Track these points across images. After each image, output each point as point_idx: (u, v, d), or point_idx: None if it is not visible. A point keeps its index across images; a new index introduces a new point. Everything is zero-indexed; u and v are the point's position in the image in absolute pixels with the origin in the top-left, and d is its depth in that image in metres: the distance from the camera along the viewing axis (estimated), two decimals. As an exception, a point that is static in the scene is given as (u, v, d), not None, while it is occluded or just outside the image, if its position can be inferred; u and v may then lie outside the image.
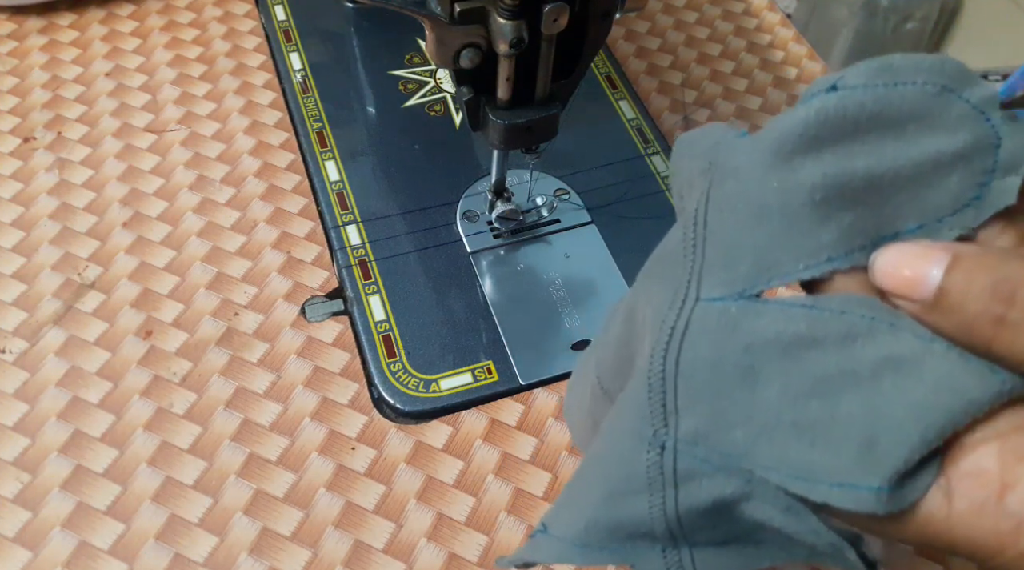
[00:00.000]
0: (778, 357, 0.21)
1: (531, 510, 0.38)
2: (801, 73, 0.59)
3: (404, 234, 0.47)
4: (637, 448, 0.22)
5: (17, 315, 0.43)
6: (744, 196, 0.22)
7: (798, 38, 0.61)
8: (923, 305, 0.20)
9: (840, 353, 0.20)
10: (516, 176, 0.48)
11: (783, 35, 0.61)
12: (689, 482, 0.22)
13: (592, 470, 0.24)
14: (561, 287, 0.45)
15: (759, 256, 0.22)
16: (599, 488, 0.23)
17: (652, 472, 0.22)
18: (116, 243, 0.46)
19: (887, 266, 0.20)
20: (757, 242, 0.22)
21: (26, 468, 0.38)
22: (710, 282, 0.22)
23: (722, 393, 0.21)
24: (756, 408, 0.21)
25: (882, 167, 0.21)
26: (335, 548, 0.37)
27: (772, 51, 0.60)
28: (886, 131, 0.21)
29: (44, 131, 0.51)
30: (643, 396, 0.22)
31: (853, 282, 0.21)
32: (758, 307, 0.21)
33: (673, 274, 0.24)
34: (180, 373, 0.42)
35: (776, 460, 0.21)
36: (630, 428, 0.23)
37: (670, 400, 0.22)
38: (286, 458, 0.39)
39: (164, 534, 0.37)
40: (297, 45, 0.56)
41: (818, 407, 0.20)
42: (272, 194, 0.49)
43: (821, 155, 0.21)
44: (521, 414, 0.41)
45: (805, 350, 0.21)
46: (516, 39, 0.35)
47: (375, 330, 0.43)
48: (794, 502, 0.21)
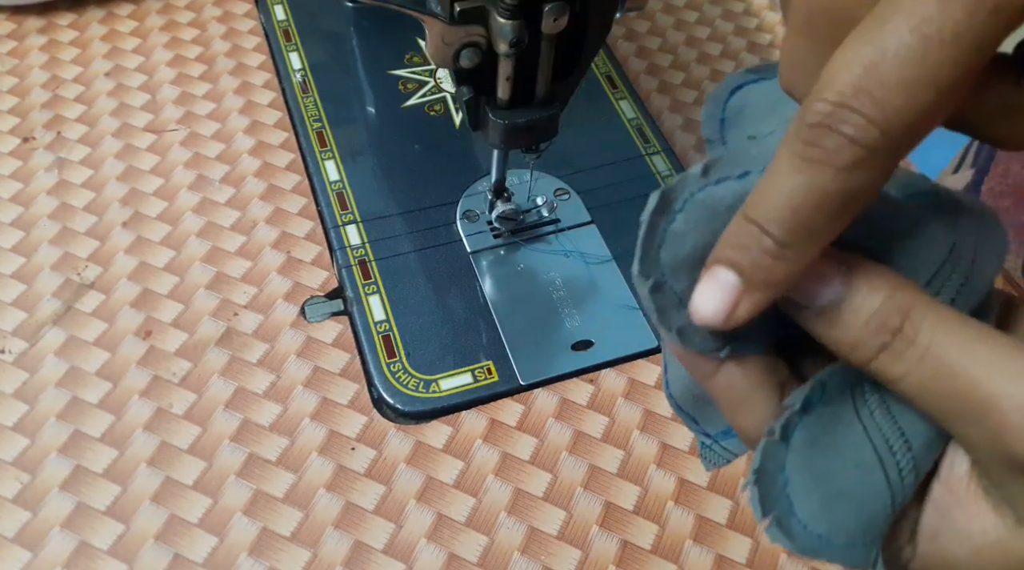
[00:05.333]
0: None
1: (531, 510, 0.38)
2: (801, 73, 0.59)
3: (404, 234, 0.47)
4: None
5: (17, 315, 0.43)
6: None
7: (798, 38, 0.61)
8: (810, 312, 0.19)
9: None
10: (516, 176, 0.48)
11: (783, 35, 0.61)
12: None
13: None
14: (561, 287, 0.45)
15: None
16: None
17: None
18: (115, 243, 0.46)
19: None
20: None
21: (26, 468, 0.38)
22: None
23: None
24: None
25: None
26: (335, 548, 0.37)
27: (772, 51, 0.60)
28: None
29: (44, 131, 0.51)
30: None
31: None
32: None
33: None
34: (180, 373, 0.42)
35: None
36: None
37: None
38: (286, 458, 0.39)
39: (164, 534, 0.37)
40: (297, 45, 0.56)
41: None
42: (272, 194, 0.49)
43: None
44: (521, 414, 0.41)
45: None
46: (516, 39, 0.35)
47: (375, 330, 0.43)
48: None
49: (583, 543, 0.38)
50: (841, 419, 0.21)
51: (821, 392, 0.21)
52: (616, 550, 0.37)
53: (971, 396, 0.18)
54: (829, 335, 0.19)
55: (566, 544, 0.38)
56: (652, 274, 0.20)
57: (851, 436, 0.20)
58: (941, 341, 0.18)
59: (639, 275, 0.20)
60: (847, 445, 0.20)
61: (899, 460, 0.20)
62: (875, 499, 0.20)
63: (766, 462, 0.21)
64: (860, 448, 0.20)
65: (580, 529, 0.38)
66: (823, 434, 0.21)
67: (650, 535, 0.38)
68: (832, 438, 0.21)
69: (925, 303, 0.19)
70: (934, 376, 0.18)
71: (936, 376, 0.18)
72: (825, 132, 0.17)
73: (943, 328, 0.18)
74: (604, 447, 0.40)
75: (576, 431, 0.41)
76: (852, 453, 0.20)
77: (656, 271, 0.20)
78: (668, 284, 0.20)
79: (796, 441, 0.21)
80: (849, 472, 0.20)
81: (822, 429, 0.21)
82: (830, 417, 0.21)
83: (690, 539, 0.38)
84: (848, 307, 0.19)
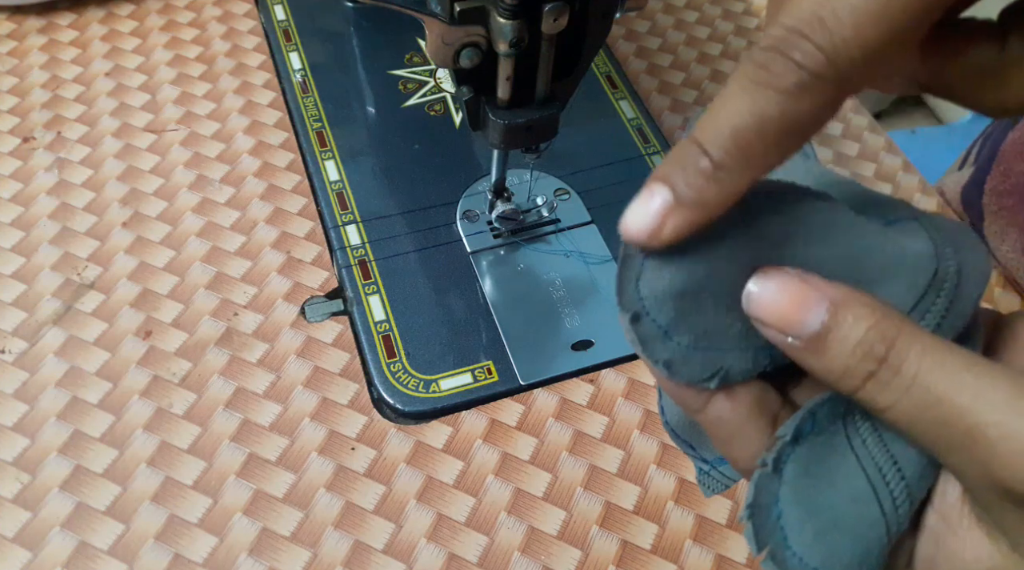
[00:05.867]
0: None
1: (531, 510, 0.38)
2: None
3: (404, 234, 0.47)
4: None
5: (17, 315, 0.43)
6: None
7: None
8: (796, 342, 0.19)
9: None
10: (516, 176, 0.48)
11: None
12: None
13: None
14: (561, 287, 0.45)
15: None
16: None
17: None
18: (115, 243, 0.46)
19: (765, 299, 0.20)
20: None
21: (26, 468, 0.38)
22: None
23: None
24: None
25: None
26: (335, 548, 0.37)
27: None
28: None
29: (44, 131, 0.51)
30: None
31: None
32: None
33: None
34: (180, 373, 0.42)
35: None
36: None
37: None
38: (286, 458, 0.39)
39: (164, 534, 0.37)
40: (297, 45, 0.56)
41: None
42: (272, 194, 0.49)
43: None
44: (521, 414, 0.41)
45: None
46: (516, 39, 0.35)
47: (375, 330, 0.43)
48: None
49: (583, 543, 0.38)
50: (834, 449, 0.20)
51: (812, 422, 0.21)
52: (616, 550, 0.37)
53: (958, 425, 0.18)
54: (816, 365, 0.19)
55: (566, 544, 0.37)
56: (632, 306, 0.20)
57: (844, 466, 0.20)
58: (927, 370, 0.18)
59: (620, 310, 0.20)
60: (840, 476, 0.20)
61: (893, 490, 0.20)
62: (870, 530, 0.20)
63: (759, 495, 0.20)
64: (853, 478, 0.20)
65: (580, 529, 0.38)
66: (816, 465, 0.21)
67: (650, 535, 0.38)
68: (825, 469, 0.20)
69: (911, 331, 0.19)
70: (921, 405, 0.18)
71: (923, 405, 0.18)
72: (775, 56, 0.18)
73: (929, 356, 0.18)
74: (604, 447, 0.40)
75: (576, 431, 0.41)
76: (845, 484, 0.20)
77: (636, 303, 0.20)
78: (650, 316, 0.20)
79: (789, 473, 0.21)
80: (843, 504, 0.20)
81: (815, 459, 0.21)
82: (822, 447, 0.21)
83: (690, 539, 0.38)
84: (834, 337, 0.19)
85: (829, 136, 0.56)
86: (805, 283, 0.19)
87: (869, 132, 0.56)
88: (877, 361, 0.19)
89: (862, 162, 0.54)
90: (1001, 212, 0.52)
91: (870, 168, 0.54)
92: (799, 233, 0.20)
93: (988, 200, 0.53)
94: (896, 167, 0.54)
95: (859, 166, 0.54)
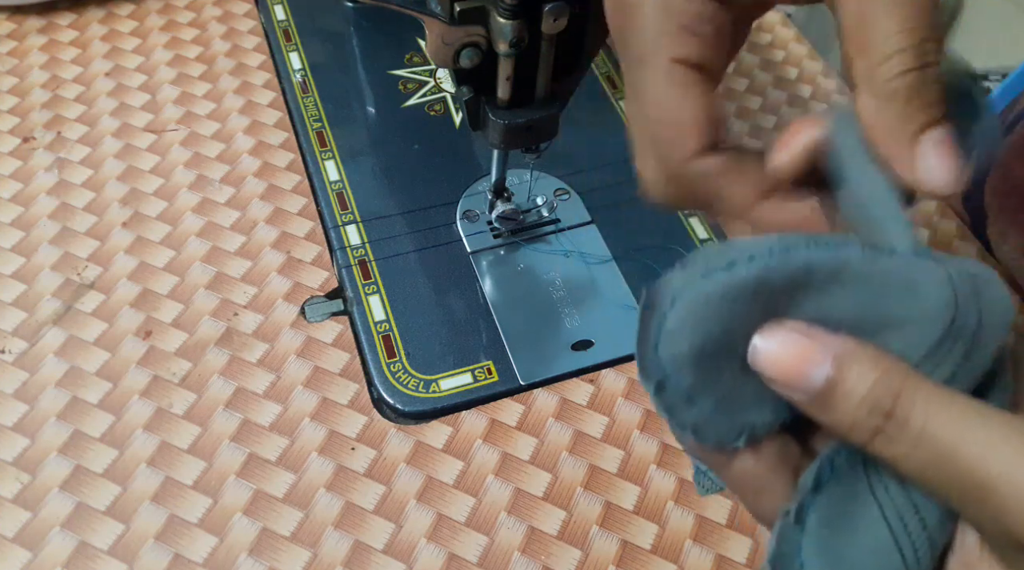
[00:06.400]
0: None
1: (531, 510, 0.38)
2: (802, 73, 0.59)
3: (404, 234, 0.47)
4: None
5: (17, 315, 0.43)
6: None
7: (799, 38, 0.61)
8: (804, 397, 0.20)
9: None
10: (516, 176, 0.48)
11: (784, 35, 0.61)
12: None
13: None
14: (561, 287, 0.45)
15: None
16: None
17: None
18: (115, 243, 0.46)
19: (770, 357, 0.20)
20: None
21: (26, 468, 0.38)
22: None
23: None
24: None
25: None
26: (335, 548, 0.37)
27: (773, 51, 0.60)
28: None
29: (44, 131, 0.51)
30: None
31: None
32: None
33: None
34: (180, 373, 0.42)
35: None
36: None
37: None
38: (286, 458, 0.39)
39: (164, 534, 0.37)
40: (297, 45, 0.56)
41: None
42: (272, 194, 0.49)
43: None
44: (521, 414, 0.41)
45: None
46: (516, 39, 0.35)
47: (375, 330, 0.43)
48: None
49: (583, 543, 0.38)
50: (856, 496, 0.20)
51: (831, 469, 0.21)
52: (616, 550, 0.37)
53: (968, 479, 0.18)
54: (825, 419, 0.20)
55: (566, 544, 0.37)
56: (655, 374, 0.20)
57: (866, 515, 0.20)
58: (935, 423, 0.18)
59: (641, 377, 0.20)
60: (862, 525, 0.20)
61: (915, 540, 0.20)
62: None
63: (782, 545, 0.21)
64: (875, 528, 0.20)
65: (580, 529, 0.38)
66: (838, 515, 0.21)
67: (650, 535, 0.38)
68: (847, 518, 0.20)
69: (916, 384, 0.19)
70: (930, 459, 0.18)
71: (932, 459, 0.18)
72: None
73: (936, 409, 0.18)
74: (604, 447, 0.40)
75: (576, 431, 0.41)
76: (867, 534, 0.20)
77: (659, 371, 0.20)
78: (672, 381, 0.20)
79: (811, 522, 0.21)
80: (865, 554, 0.20)
81: (837, 508, 0.21)
82: (843, 495, 0.21)
83: (690, 539, 0.38)
84: (839, 392, 0.19)
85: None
86: (808, 338, 0.19)
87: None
88: (884, 415, 0.19)
89: (862, 162, 0.54)
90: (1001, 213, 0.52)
91: (870, 168, 0.54)
92: (811, 282, 0.20)
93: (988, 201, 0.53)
94: (896, 167, 0.54)
95: (859, 166, 0.54)
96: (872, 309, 0.20)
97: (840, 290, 0.20)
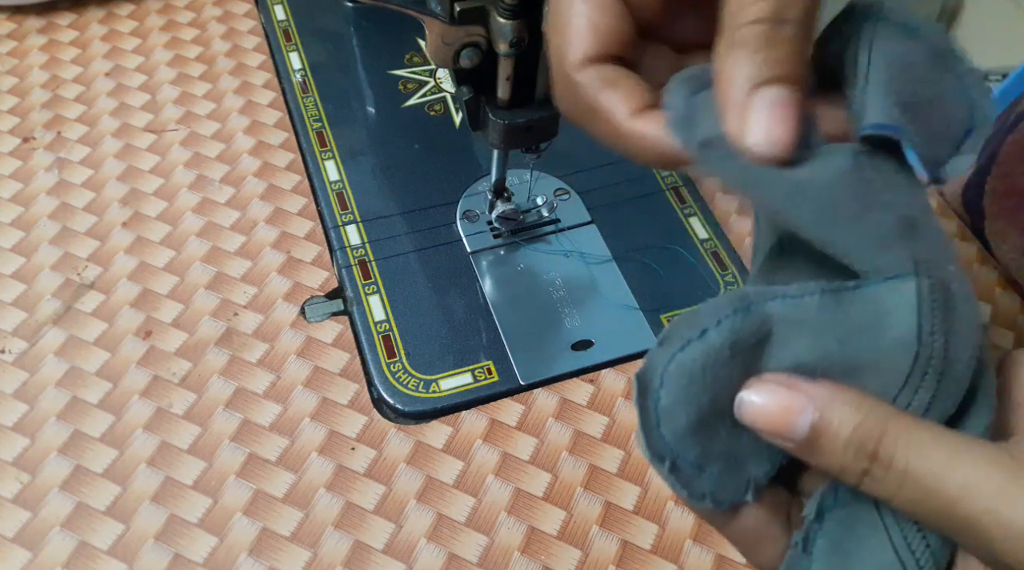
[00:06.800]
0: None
1: (531, 510, 0.38)
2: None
3: (404, 234, 0.47)
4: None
5: (17, 315, 0.43)
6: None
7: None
8: (792, 444, 0.20)
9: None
10: (516, 176, 0.48)
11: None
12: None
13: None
14: (561, 287, 0.45)
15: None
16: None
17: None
18: (115, 243, 0.46)
19: (754, 411, 0.20)
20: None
21: (26, 468, 0.38)
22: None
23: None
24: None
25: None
26: (335, 548, 0.37)
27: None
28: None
29: (44, 131, 0.51)
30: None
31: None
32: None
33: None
34: (180, 373, 0.42)
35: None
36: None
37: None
38: (286, 458, 0.39)
39: (164, 534, 0.37)
40: (297, 45, 0.56)
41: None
42: (272, 194, 0.49)
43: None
44: (521, 414, 0.41)
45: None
46: (516, 39, 0.35)
47: (375, 330, 0.43)
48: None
49: (583, 543, 0.38)
50: (861, 518, 0.21)
51: (834, 497, 0.21)
52: (616, 550, 0.37)
53: (954, 514, 0.18)
54: (816, 463, 0.20)
55: (566, 544, 0.37)
56: (665, 454, 0.21)
57: (873, 538, 0.21)
58: (917, 462, 0.19)
59: (653, 459, 0.21)
60: (868, 549, 0.21)
61: (919, 558, 0.20)
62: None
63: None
64: (881, 552, 0.21)
65: (580, 529, 0.38)
66: (845, 538, 0.21)
67: (650, 535, 0.38)
68: (854, 542, 0.21)
69: (898, 423, 0.19)
70: (917, 497, 0.19)
71: (919, 497, 0.19)
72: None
73: (917, 448, 0.19)
74: (604, 447, 0.40)
75: (576, 431, 0.41)
76: (872, 558, 0.21)
77: (666, 450, 0.21)
78: (681, 457, 0.21)
79: (819, 549, 0.21)
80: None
81: (844, 532, 0.21)
82: (850, 518, 0.21)
83: (690, 539, 0.38)
84: (824, 438, 0.20)
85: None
86: (788, 389, 0.20)
87: (869, 132, 0.56)
88: (868, 458, 0.19)
89: (862, 162, 0.54)
90: (1001, 213, 0.52)
91: (870, 168, 0.54)
92: (778, 334, 0.21)
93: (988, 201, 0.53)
94: (896, 167, 0.54)
95: (859, 166, 0.54)
96: (842, 352, 0.21)
97: (808, 338, 0.21)
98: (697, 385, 0.20)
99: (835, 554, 0.21)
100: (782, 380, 0.20)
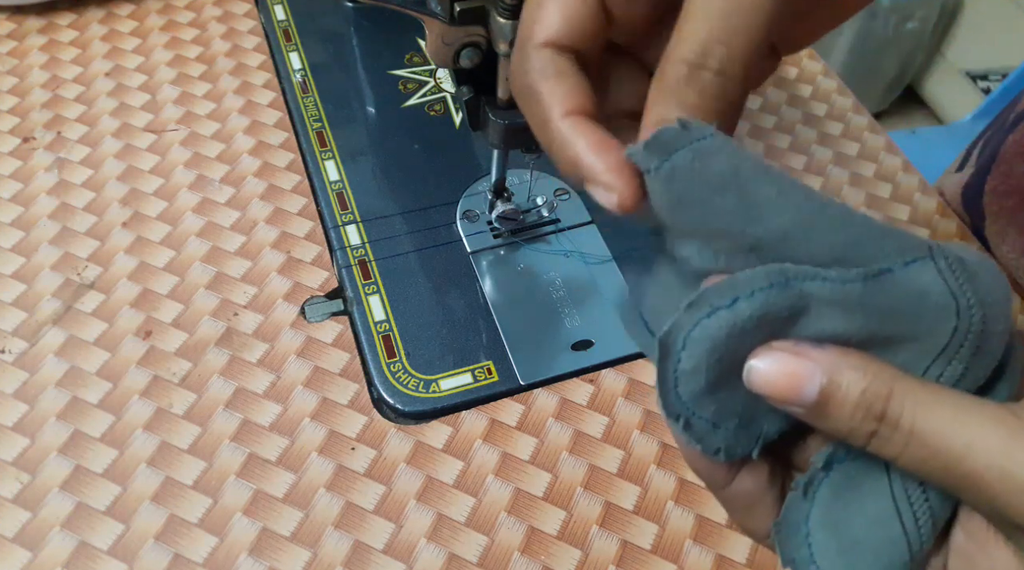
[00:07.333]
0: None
1: (531, 510, 0.38)
2: (802, 73, 0.59)
3: (404, 234, 0.47)
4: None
5: (17, 315, 0.43)
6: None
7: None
8: (801, 409, 0.21)
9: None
10: (516, 176, 0.48)
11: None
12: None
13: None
14: (561, 287, 0.45)
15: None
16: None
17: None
18: (115, 243, 0.46)
19: (762, 377, 0.21)
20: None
21: (26, 468, 0.38)
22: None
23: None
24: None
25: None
26: (335, 548, 0.37)
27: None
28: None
29: (44, 131, 0.51)
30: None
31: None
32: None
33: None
34: (180, 373, 0.42)
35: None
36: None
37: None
38: (286, 458, 0.39)
39: (164, 534, 0.37)
40: (297, 45, 0.56)
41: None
42: (272, 194, 0.49)
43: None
44: (521, 414, 0.41)
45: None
46: (516, 39, 0.34)
47: (375, 330, 0.43)
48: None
49: (583, 543, 0.38)
50: (868, 472, 0.22)
51: (845, 451, 0.22)
52: (616, 550, 0.37)
53: (959, 471, 0.19)
54: (824, 426, 0.21)
55: (566, 544, 0.37)
56: (681, 412, 0.22)
57: (876, 488, 0.21)
58: (923, 421, 0.19)
59: (668, 417, 0.22)
60: (869, 498, 0.21)
61: (916, 510, 0.21)
62: (892, 548, 0.21)
63: (788, 513, 0.22)
64: (880, 499, 0.21)
65: (580, 529, 0.38)
66: (848, 488, 0.22)
67: (650, 535, 0.38)
68: (857, 491, 0.22)
69: (904, 385, 0.20)
70: (923, 456, 0.19)
71: (924, 455, 0.19)
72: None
73: (923, 408, 0.19)
74: (604, 447, 0.40)
75: (576, 431, 0.41)
76: (872, 505, 0.21)
77: (682, 408, 0.22)
78: (696, 416, 0.22)
79: (821, 495, 0.22)
80: (867, 523, 0.21)
81: (848, 482, 0.22)
82: (858, 470, 0.22)
83: (690, 539, 0.38)
84: (832, 402, 0.20)
85: (829, 136, 0.56)
86: (796, 356, 0.20)
87: (869, 132, 0.56)
88: (876, 419, 0.20)
89: (862, 162, 0.54)
90: (1001, 213, 0.52)
91: (870, 168, 0.54)
92: (812, 309, 0.21)
93: (988, 201, 0.53)
94: (896, 167, 0.54)
95: (859, 166, 0.54)
96: (875, 332, 0.21)
97: (841, 316, 0.21)
98: (719, 351, 0.21)
99: (837, 500, 0.22)
100: (789, 347, 0.21)
